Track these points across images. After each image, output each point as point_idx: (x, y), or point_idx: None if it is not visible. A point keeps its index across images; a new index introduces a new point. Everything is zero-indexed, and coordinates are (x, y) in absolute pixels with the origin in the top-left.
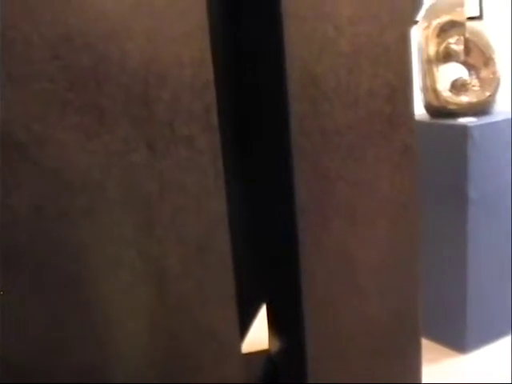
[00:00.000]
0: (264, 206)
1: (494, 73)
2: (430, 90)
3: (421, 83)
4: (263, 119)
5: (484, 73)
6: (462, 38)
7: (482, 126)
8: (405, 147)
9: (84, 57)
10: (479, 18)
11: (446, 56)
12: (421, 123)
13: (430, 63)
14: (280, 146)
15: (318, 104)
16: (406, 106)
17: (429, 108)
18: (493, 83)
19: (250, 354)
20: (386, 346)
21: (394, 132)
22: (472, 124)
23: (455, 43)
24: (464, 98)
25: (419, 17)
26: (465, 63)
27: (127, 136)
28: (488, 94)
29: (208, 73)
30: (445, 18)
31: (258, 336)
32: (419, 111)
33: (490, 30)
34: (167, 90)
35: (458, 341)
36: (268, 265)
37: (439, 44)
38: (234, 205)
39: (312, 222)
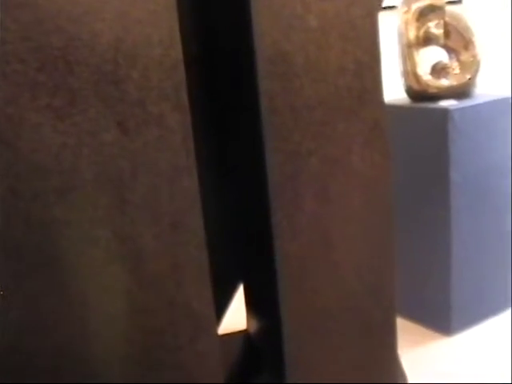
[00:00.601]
0: (238, 185)
1: (474, 56)
2: (411, 73)
3: (401, 67)
4: (234, 98)
5: (464, 56)
6: (441, 21)
7: (462, 108)
8: (374, 123)
9: (54, 38)
10: (458, 1)
11: (426, 40)
12: (402, 107)
13: (410, 47)
14: (251, 124)
15: (287, 81)
16: (375, 81)
17: (410, 92)
18: (473, 66)
19: (227, 335)
20: (361, 322)
21: (364, 107)
22: (453, 107)
23: (435, 27)
24: (444, 82)
25: (399, 1)
26: (445, 47)
27: (98, 116)
28: (468, 76)
29: (177, 52)
30: (424, 2)
31: (238, 318)
32: (400, 95)
33: (469, 14)
34: (137, 69)
35: (443, 323)
36: (244, 244)
37: (419, 28)
38: (210, 185)
39: (285, 200)
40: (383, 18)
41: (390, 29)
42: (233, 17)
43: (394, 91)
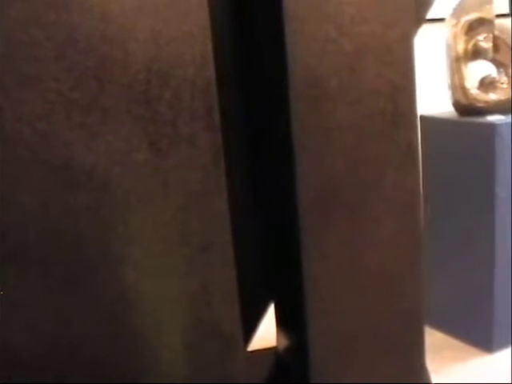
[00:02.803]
0: (268, 206)
1: None
2: (459, 87)
3: (449, 81)
4: (268, 120)
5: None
6: (490, 35)
7: (510, 123)
8: (407, 146)
9: (87, 57)
10: (508, 14)
11: (475, 53)
12: (449, 121)
13: (458, 61)
14: (283, 147)
15: (320, 103)
16: (409, 104)
17: (457, 106)
18: None
19: (256, 352)
20: (390, 346)
21: (397, 131)
22: (500, 122)
23: (484, 40)
24: (492, 96)
25: (448, 14)
26: (493, 61)
27: (130, 135)
28: None
29: (210, 72)
30: (473, 16)
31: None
32: (447, 109)
33: None
34: (169, 88)
35: (485, 340)
36: (274, 265)
37: (468, 41)
38: (240, 206)
39: (315, 223)
40: (431, 30)
41: (438, 41)
42: (267, 39)
43: (441, 105)
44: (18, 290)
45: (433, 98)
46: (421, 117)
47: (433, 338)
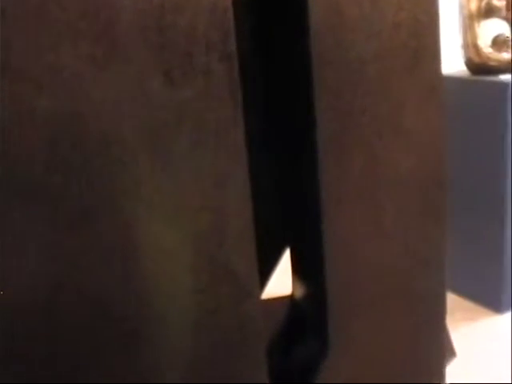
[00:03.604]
0: (286, 142)
1: None
2: (471, 46)
3: (462, 39)
4: (285, 50)
5: None
6: None
7: None
8: (430, 83)
9: None
10: None
11: (488, 12)
12: (461, 80)
13: (471, 19)
14: (301, 79)
15: (340, 34)
16: (432, 41)
17: (469, 64)
18: None
19: (272, 299)
20: (409, 291)
21: (420, 66)
22: None
23: None
24: (505, 55)
25: None
26: (506, 19)
27: (142, 65)
28: None
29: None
30: None
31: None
32: (460, 68)
33: None
34: (184, 16)
35: (494, 300)
36: (291, 205)
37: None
38: (257, 141)
39: (333, 159)
40: None
41: (452, 0)
42: None
43: (453, 64)
44: (24, 228)
45: (445, 57)
46: None
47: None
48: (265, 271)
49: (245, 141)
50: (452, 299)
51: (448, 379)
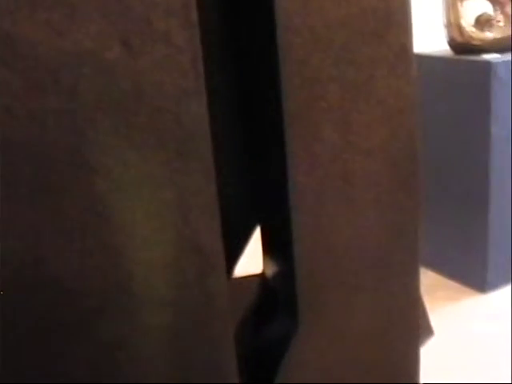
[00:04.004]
0: (251, 112)
1: None
2: (454, 25)
3: (444, 19)
4: (249, 18)
5: (509, 8)
6: None
7: (506, 62)
8: (401, 48)
9: None
10: None
11: None
12: (444, 59)
13: None
14: (266, 46)
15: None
16: (402, 3)
17: (452, 44)
18: None
19: (242, 278)
20: (381, 263)
21: (389, 31)
22: (496, 60)
23: None
24: (488, 34)
25: None
26: None
27: (100, 33)
28: None
29: None
30: None
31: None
32: (443, 47)
33: None
34: None
35: (478, 280)
36: (258, 180)
37: None
38: (219, 113)
39: (301, 129)
40: None
41: None
42: None
43: (436, 43)
44: None
45: (428, 36)
46: (415, 55)
47: (426, 277)
48: (234, 249)
49: (207, 112)
50: (434, 278)
51: (427, 358)
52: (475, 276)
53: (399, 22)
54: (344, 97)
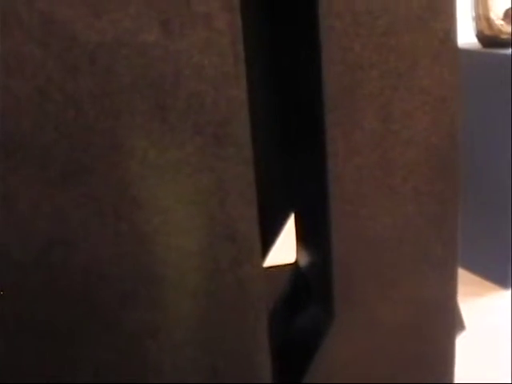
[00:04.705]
0: (291, 101)
1: None
2: (483, 18)
3: (473, 11)
4: (291, 3)
5: None
6: None
7: None
8: (445, 35)
9: None
10: None
11: None
12: (472, 52)
13: None
14: (308, 31)
15: None
16: None
17: (481, 37)
18: None
19: (275, 267)
20: (419, 255)
21: (434, 17)
22: None
23: None
24: None
25: None
26: None
27: (139, 13)
28: None
29: None
30: None
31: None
32: (471, 40)
33: None
34: None
35: (502, 276)
36: (295, 166)
37: None
38: (259, 99)
39: (341, 117)
40: None
41: None
42: None
43: (464, 36)
44: (12, 183)
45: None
46: None
47: None
48: (268, 237)
49: (246, 96)
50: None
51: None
52: (498, 271)
53: (444, 8)
54: (385, 84)
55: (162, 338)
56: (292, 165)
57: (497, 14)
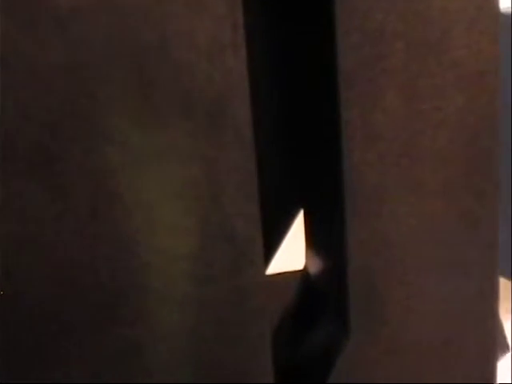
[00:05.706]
0: (302, 75)
1: None
2: None
3: None
4: None
5: None
6: None
7: None
8: (481, 4)
9: None
10: None
11: None
12: (508, 16)
13: None
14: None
15: None
16: None
17: None
18: None
19: (280, 274)
20: (452, 261)
21: None
22: None
23: None
24: None
25: None
26: None
27: None
28: None
29: None
30: None
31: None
32: (506, 4)
33: None
34: None
35: None
36: (305, 155)
37: None
38: (262, 75)
39: (360, 95)
40: None
41: None
42: None
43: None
44: None
45: None
46: None
47: None
48: (272, 239)
49: (246, 69)
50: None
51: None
52: None
53: None
54: (411, 57)
55: (147, 356)
56: (300, 153)
57: None
